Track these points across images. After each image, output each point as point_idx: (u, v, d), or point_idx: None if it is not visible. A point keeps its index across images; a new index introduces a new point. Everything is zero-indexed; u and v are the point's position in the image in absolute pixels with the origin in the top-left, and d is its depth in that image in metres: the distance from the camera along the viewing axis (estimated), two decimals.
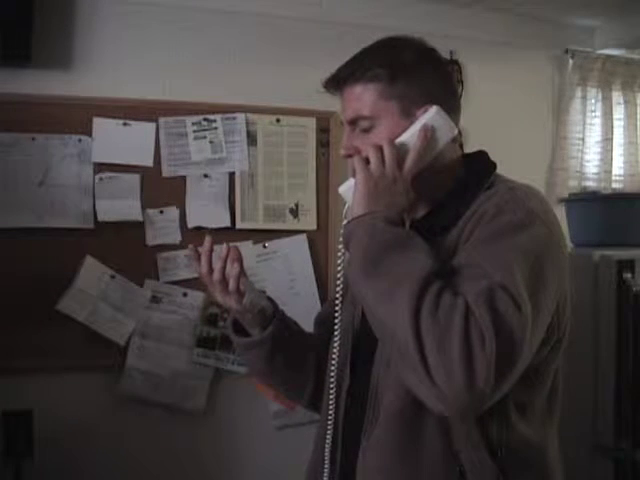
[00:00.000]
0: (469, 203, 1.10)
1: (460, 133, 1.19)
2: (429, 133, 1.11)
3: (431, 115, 1.12)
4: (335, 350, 1.20)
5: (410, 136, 1.11)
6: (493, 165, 1.19)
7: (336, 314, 1.20)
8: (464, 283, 0.96)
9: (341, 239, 1.13)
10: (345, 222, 1.13)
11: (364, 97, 1.13)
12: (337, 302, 1.20)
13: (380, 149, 1.10)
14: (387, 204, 1.07)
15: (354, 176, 1.12)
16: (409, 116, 1.13)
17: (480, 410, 0.96)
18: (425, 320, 0.92)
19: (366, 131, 1.14)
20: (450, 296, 0.94)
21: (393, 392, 1.09)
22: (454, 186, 1.16)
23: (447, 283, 0.97)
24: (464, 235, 1.07)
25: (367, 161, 1.10)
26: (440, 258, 1.02)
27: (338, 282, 1.19)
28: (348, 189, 1.15)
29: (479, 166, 1.18)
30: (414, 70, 1.14)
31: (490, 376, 0.90)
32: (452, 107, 1.16)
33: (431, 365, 0.91)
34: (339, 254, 1.16)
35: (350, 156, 1.16)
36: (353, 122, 1.16)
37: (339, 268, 1.18)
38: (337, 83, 1.17)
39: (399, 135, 1.12)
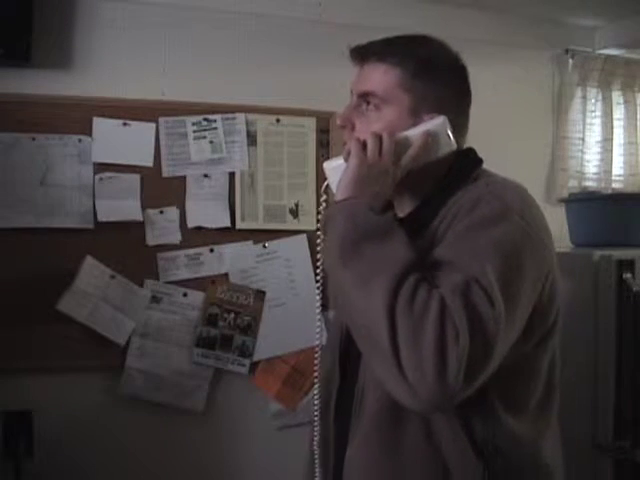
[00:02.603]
0: (449, 198, 1.10)
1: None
2: (430, 139, 1.10)
3: (438, 123, 1.11)
4: (316, 355, 1.19)
5: (412, 135, 1.10)
6: (479, 161, 1.19)
7: (317, 303, 1.19)
8: (440, 276, 0.96)
9: (319, 225, 1.12)
10: (322, 198, 1.13)
11: (384, 78, 1.12)
12: (318, 291, 1.18)
13: (380, 138, 1.09)
14: (373, 193, 1.06)
15: (346, 159, 1.10)
16: (416, 116, 1.12)
17: (450, 405, 0.95)
18: (400, 311, 0.91)
19: (370, 108, 1.13)
20: (426, 288, 0.93)
21: (375, 389, 1.08)
22: (440, 183, 1.15)
23: (424, 276, 0.96)
24: (440, 229, 1.06)
25: (363, 146, 1.09)
26: (418, 252, 1.01)
27: (319, 270, 1.17)
28: (334, 168, 1.14)
29: (465, 163, 1.18)
30: (440, 76, 1.14)
31: (461, 371, 0.89)
32: (459, 124, 1.16)
33: (402, 356, 0.90)
34: (318, 237, 1.14)
35: (344, 127, 1.16)
36: (363, 96, 1.14)
37: (319, 256, 1.16)
38: (364, 54, 1.16)
39: (400, 130, 1.11)
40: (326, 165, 1.17)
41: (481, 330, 0.91)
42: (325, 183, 1.15)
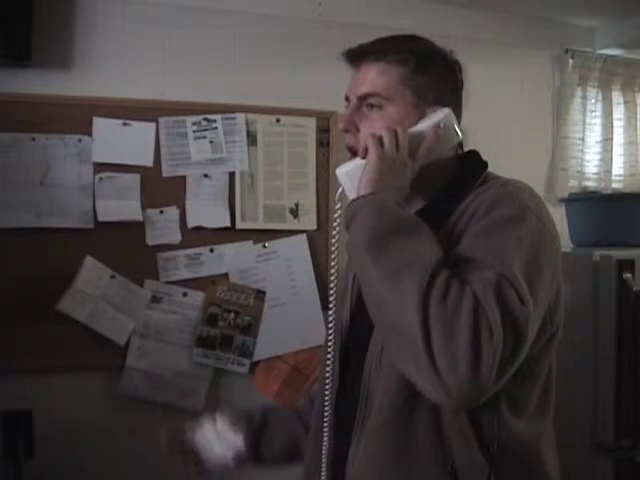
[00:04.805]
0: (461, 200, 1.10)
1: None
2: (441, 131, 1.11)
3: (444, 115, 1.12)
4: (330, 350, 1.19)
5: (425, 128, 1.11)
6: (484, 164, 1.20)
7: (330, 304, 1.18)
8: (468, 273, 0.96)
9: (334, 233, 1.12)
10: (337, 206, 1.13)
11: (384, 76, 1.13)
12: (331, 298, 1.18)
13: (395, 133, 1.09)
14: (396, 188, 1.07)
15: (364, 155, 1.09)
16: (418, 110, 1.13)
17: (479, 402, 0.95)
18: (434, 306, 0.91)
19: (373, 108, 1.13)
20: (458, 284, 0.93)
21: (384, 390, 1.08)
22: (446, 184, 1.16)
23: (454, 272, 0.96)
24: (459, 227, 1.06)
25: (380, 141, 1.09)
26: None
27: (332, 278, 1.17)
28: (347, 172, 1.13)
29: (471, 165, 1.18)
30: (438, 70, 1.15)
31: (494, 368, 0.89)
32: (457, 116, 1.17)
33: (436, 352, 0.89)
34: (333, 244, 1.14)
35: (348, 131, 1.16)
36: (363, 98, 1.14)
37: (333, 264, 1.16)
38: (360, 55, 1.16)
39: (407, 125, 1.11)
40: (338, 171, 1.15)
41: (513, 327, 0.91)
42: (340, 189, 1.14)
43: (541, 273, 1.01)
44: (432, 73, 1.14)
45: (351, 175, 1.11)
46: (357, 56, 1.16)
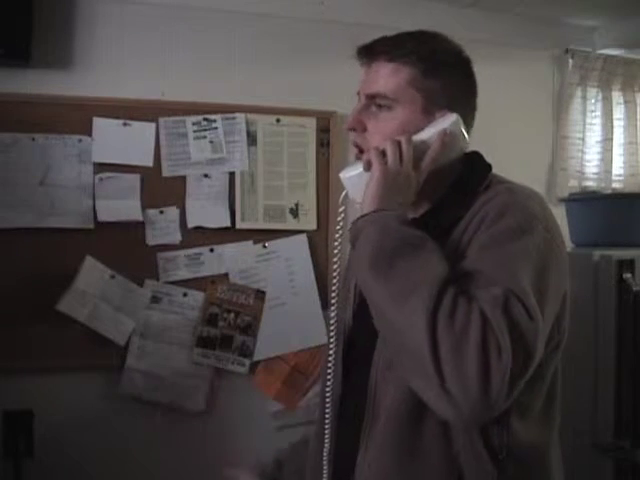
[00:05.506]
0: (469, 204, 1.08)
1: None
2: (447, 139, 1.09)
3: (452, 121, 1.10)
4: (331, 352, 1.18)
5: (430, 137, 1.09)
6: (489, 166, 1.18)
7: (332, 314, 1.18)
8: (476, 289, 0.94)
9: (337, 236, 1.12)
10: (341, 209, 1.12)
11: (394, 77, 1.11)
12: (333, 301, 1.18)
13: (398, 144, 1.07)
14: (400, 202, 1.05)
15: (367, 168, 1.08)
16: (428, 114, 1.11)
17: (490, 418, 0.95)
18: (442, 325, 0.90)
19: (382, 108, 1.11)
20: (466, 302, 0.92)
21: (392, 396, 1.07)
22: (451, 186, 1.14)
23: (461, 288, 0.94)
24: (466, 236, 1.05)
25: (383, 154, 1.07)
26: (448, 261, 1.00)
27: (334, 281, 1.17)
28: (352, 177, 1.11)
29: (475, 167, 1.17)
30: (449, 73, 1.13)
31: (504, 386, 0.89)
32: (468, 120, 1.15)
33: (445, 372, 0.89)
34: (336, 247, 1.14)
35: (354, 129, 1.14)
36: (372, 97, 1.13)
37: (335, 267, 1.16)
38: (372, 53, 1.14)
39: (414, 131, 1.10)
40: (342, 175, 1.14)
41: (522, 344, 0.91)
42: (343, 193, 1.14)
43: (549, 285, 1.00)
44: (444, 76, 1.12)
45: (355, 180, 1.10)
46: (369, 53, 1.14)
